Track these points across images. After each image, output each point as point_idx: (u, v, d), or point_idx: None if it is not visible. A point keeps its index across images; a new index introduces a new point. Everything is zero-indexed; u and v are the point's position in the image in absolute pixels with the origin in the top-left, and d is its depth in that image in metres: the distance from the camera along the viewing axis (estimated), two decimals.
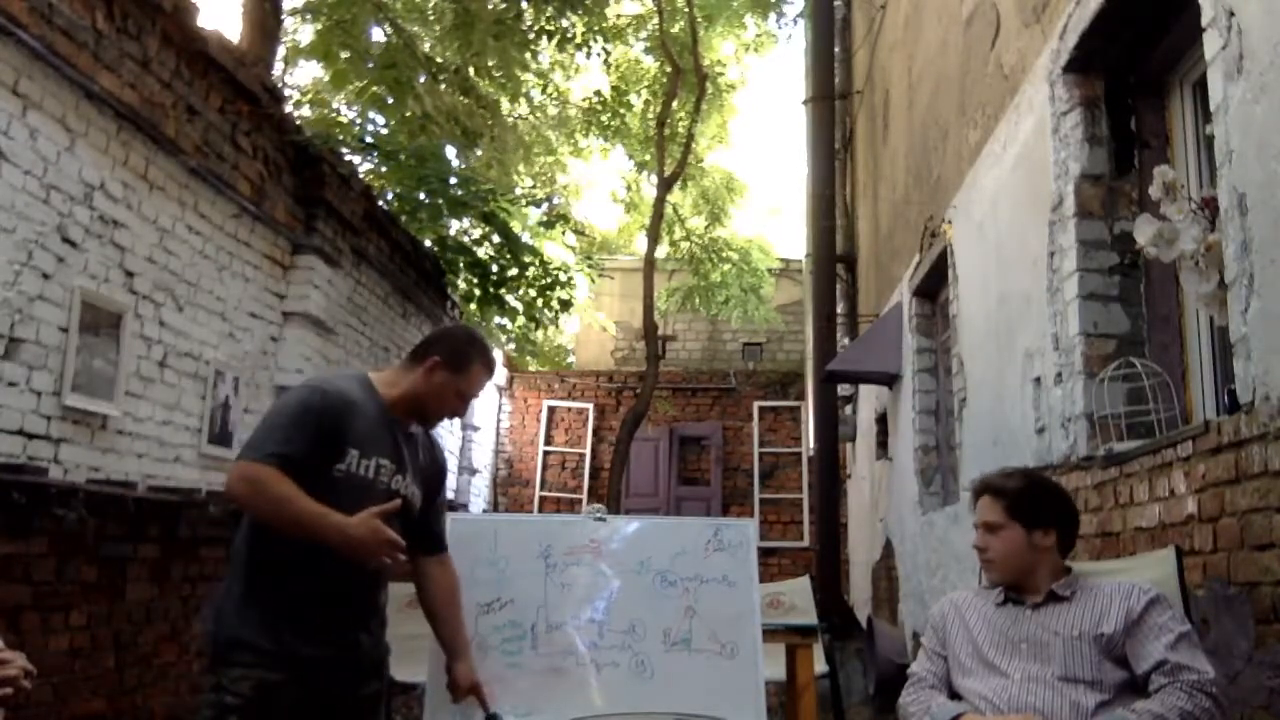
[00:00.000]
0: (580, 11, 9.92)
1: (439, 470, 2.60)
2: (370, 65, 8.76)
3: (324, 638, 2.26)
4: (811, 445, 9.46)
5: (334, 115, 9.95)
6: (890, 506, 7.55)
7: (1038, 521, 2.35)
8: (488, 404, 12.52)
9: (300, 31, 10.82)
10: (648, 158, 13.35)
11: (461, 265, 8.87)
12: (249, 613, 2.22)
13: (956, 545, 5.15)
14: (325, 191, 6.49)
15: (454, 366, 2.42)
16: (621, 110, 12.74)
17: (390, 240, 8.02)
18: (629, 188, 14.83)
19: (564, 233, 10.14)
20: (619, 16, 12.59)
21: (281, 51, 9.73)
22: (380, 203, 7.77)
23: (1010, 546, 2.34)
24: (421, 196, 7.97)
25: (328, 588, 2.26)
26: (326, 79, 9.61)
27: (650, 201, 12.77)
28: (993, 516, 2.38)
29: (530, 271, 8.92)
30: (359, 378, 2.44)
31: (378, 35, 9.44)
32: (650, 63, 13.50)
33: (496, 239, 8.53)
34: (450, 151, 9.11)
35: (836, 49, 9.34)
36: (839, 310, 9.02)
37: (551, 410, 13.50)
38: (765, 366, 13.98)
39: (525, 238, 9.11)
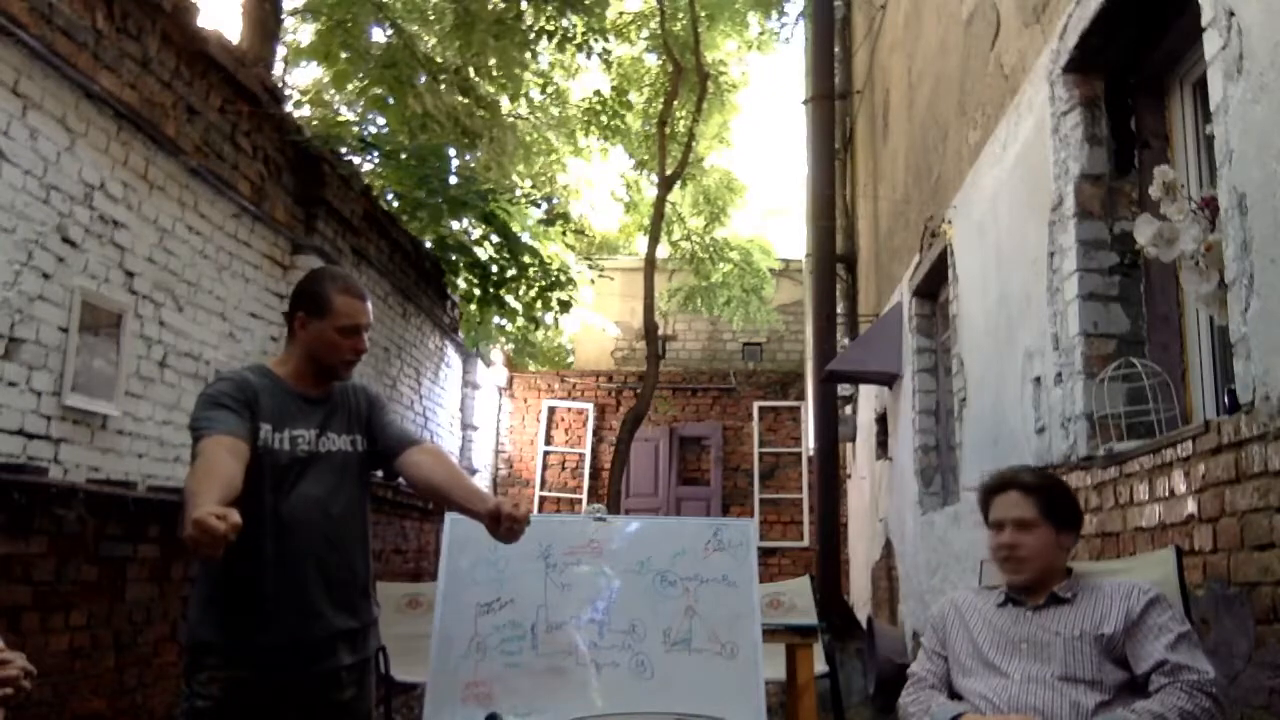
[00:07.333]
0: (580, 12, 9.91)
1: (372, 400, 2.52)
2: (370, 65, 8.77)
3: (280, 624, 2.20)
4: (811, 445, 9.44)
5: (334, 115, 9.94)
6: (890, 506, 7.55)
7: (1066, 524, 2.34)
8: (488, 404, 12.50)
9: (300, 31, 10.81)
10: (647, 157, 13.32)
11: (461, 265, 8.87)
12: (210, 613, 2.20)
13: (956, 545, 5.15)
14: (325, 191, 6.49)
15: (317, 311, 2.34)
16: (621, 110, 12.72)
17: (390, 240, 8.02)
18: (629, 186, 14.79)
19: (564, 232, 10.14)
20: (621, 14, 12.56)
21: (281, 51, 9.73)
22: (380, 203, 7.77)
23: (1042, 545, 2.29)
24: (421, 196, 7.97)
25: (274, 571, 2.20)
26: (326, 79, 9.62)
27: (650, 201, 12.75)
28: (1025, 513, 2.31)
29: (530, 272, 8.92)
30: (257, 367, 2.43)
31: (378, 35, 9.45)
32: (652, 61, 13.47)
33: (496, 239, 8.53)
34: (450, 151, 9.11)
35: (836, 49, 9.32)
36: (839, 310, 9.00)
37: (551, 410, 13.49)
38: (765, 366, 13.97)
39: (525, 238, 9.11)
